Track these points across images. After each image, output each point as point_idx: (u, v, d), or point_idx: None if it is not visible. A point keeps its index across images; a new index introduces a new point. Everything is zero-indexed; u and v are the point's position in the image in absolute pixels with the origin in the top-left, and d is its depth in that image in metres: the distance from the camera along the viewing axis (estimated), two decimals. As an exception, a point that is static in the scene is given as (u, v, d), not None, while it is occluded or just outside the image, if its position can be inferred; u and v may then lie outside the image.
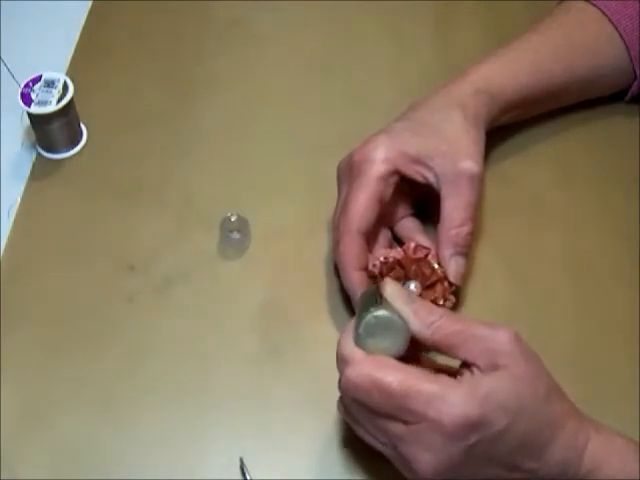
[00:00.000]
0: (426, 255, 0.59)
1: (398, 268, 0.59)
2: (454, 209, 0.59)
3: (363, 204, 0.59)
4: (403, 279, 0.59)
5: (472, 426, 0.45)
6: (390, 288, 0.50)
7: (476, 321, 0.48)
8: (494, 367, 0.47)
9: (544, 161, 0.71)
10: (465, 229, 0.59)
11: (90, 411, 0.58)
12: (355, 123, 0.72)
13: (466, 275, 0.63)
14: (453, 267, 0.59)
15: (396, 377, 0.46)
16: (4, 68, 0.72)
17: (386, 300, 0.49)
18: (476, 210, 0.60)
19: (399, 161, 0.60)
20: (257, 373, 0.60)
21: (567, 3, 0.72)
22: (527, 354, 0.48)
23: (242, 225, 0.66)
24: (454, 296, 0.60)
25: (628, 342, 0.61)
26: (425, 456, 0.46)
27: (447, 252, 0.59)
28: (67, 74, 0.72)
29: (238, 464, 0.55)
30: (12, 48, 0.78)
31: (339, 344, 0.50)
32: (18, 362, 0.60)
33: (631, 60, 0.69)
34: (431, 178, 0.61)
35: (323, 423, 0.58)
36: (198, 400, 0.59)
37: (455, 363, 0.50)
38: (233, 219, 0.66)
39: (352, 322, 0.50)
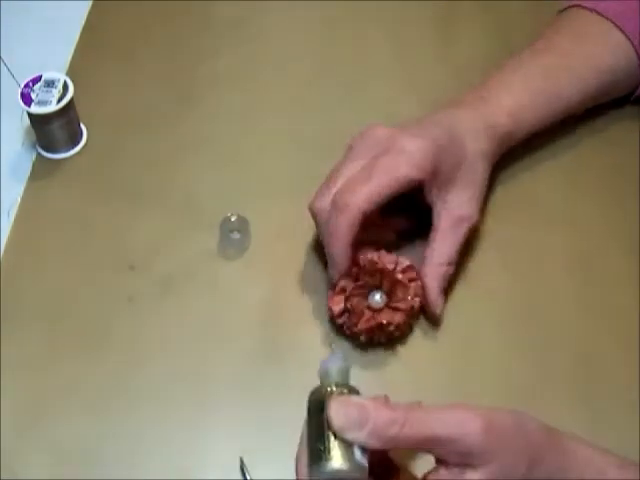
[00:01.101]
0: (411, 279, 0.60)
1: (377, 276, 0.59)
2: (448, 247, 0.60)
3: (380, 192, 0.58)
4: (370, 287, 0.59)
5: None
6: (338, 422, 0.45)
7: (441, 415, 0.45)
8: (468, 465, 0.44)
9: (544, 161, 0.71)
10: (452, 268, 0.61)
11: (90, 411, 0.58)
12: (355, 123, 0.72)
13: (466, 275, 0.63)
14: (440, 301, 0.61)
15: None
16: (4, 68, 0.72)
17: (336, 440, 0.44)
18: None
19: (429, 177, 0.59)
20: (257, 373, 0.60)
21: (572, 11, 0.71)
22: (500, 441, 0.44)
23: (242, 225, 0.66)
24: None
25: (628, 342, 0.61)
26: None
27: (436, 284, 0.60)
28: (67, 74, 0.72)
29: (238, 464, 0.55)
30: (12, 48, 0.78)
31: (297, 471, 0.47)
32: (18, 362, 0.60)
33: None
34: (438, 207, 0.61)
35: (323, 423, 0.58)
36: (198, 400, 0.59)
37: None
38: (233, 219, 0.66)
39: (302, 444, 0.47)
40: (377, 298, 0.59)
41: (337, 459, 0.44)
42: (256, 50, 0.80)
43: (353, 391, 0.48)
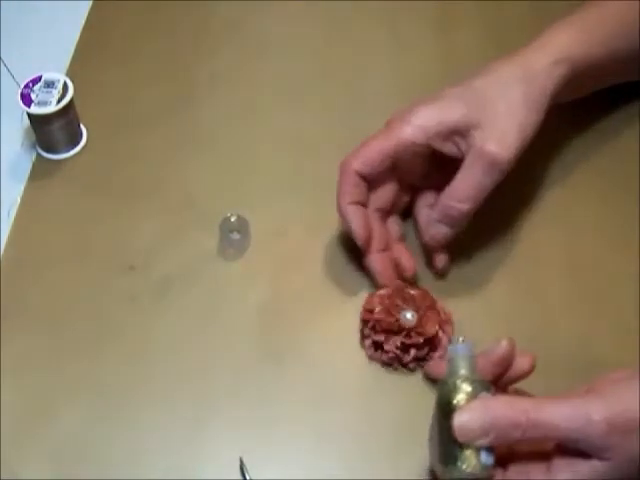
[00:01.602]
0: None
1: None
2: (462, 183, 0.59)
3: (376, 154, 0.59)
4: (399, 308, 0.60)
5: None
6: (463, 434, 0.47)
7: (563, 414, 0.46)
8: (590, 457, 0.46)
9: (544, 161, 0.71)
10: (466, 206, 0.59)
11: (90, 411, 0.58)
12: (355, 123, 0.72)
13: (466, 275, 0.63)
14: (433, 231, 0.60)
15: None
16: (4, 68, 0.72)
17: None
18: (483, 196, 0.59)
19: (436, 140, 0.59)
20: (257, 373, 0.60)
21: None
22: (625, 437, 0.46)
23: (242, 225, 0.66)
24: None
25: (628, 341, 0.61)
26: None
27: (434, 215, 0.60)
28: (67, 74, 0.72)
29: (238, 464, 0.55)
30: (12, 48, 0.78)
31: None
32: (18, 362, 0.60)
33: None
34: (463, 147, 0.59)
35: (323, 423, 0.58)
36: (198, 400, 0.59)
37: None
38: (233, 219, 0.66)
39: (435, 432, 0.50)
40: (408, 316, 0.59)
41: (466, 464, 0.47)
42: (256, 50, 0.80)
43: (480, 384, 0.49)
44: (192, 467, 0.56)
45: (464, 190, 0.59)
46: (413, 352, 0.59)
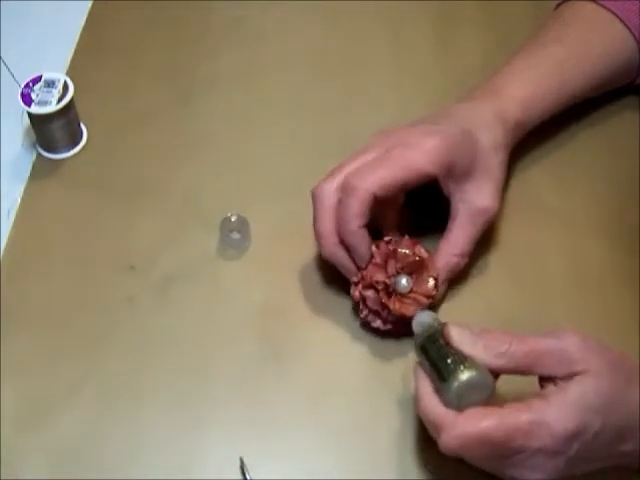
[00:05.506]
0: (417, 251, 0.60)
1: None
2: (464, 238, 0.61)
3: (391, 179, 0.58)
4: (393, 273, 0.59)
5: (572, 437, 0.47)
6: (456, 335, 0.51)
7: (542, 336, 0.50)
8: (573, 374, 0.48)
9: (544, 161, 0.71)
10: (464, 260, 0.61)
11: (90, 411, 0.58)
12: (355, 123, 0.72)
13: (465, 275, 0.64)
14: (442, 290, 0.61)
15: (490, 425, 0.47)
16: (4, 68, 0.72)
17: (457, 350, 0.50)
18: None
19: (443, 172, 0.59)
20: (257, 373, 0.60)
21: (576, 4, 0.72)
22: (598, 351, 0.49)
23: (242, 225, 0.66)
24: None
25: (628, 342, 0.61)
26: (534, 475, 0.48)
27: (442, 275, 0.61)
28: (67, 74, 0.72)
29: (238, 464, 0.55)
30: (12, 48, 0.78)
31: (425, 411, 0.50)
32: (18, 362, 0.60)
33: None
34: (456, 199, 0.61)
35: (323, 423, 0.58)
36: (198, 400, 0.59)
37: None
38: (233, 219, 0.66)
39: (423, 380, 0.51)
40: (404, 282, 0.59)
41: (469, 370, 0.49)
42: (256, 50, 0.80)
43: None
44: (192, 467, 0.56)
45: (466, 245, 0.61)
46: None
